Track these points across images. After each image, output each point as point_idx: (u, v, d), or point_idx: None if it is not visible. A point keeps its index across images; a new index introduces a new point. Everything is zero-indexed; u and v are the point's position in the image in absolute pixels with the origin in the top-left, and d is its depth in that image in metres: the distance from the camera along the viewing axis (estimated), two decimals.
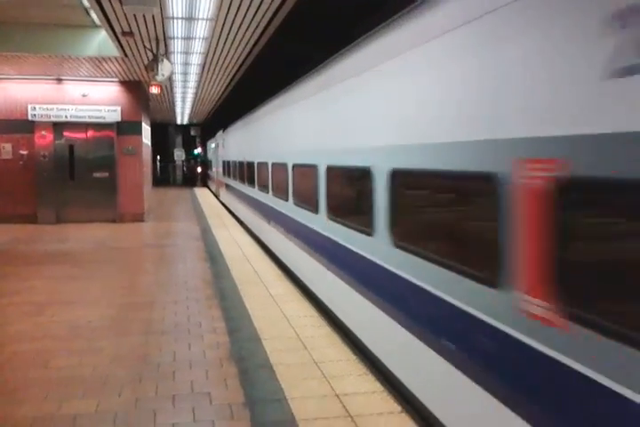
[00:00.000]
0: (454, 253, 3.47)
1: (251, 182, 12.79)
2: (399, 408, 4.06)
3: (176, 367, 4.90)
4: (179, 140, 38.65)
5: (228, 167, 18.99)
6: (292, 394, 4.32)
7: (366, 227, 4.90)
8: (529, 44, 2.63)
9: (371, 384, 4.50)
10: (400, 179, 4.22)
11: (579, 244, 2.41)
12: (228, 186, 19.19)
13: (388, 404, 4.14)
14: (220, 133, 22.27)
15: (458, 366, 3.31)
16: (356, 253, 5.27)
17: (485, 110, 3.02)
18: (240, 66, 13.40)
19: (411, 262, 3.98)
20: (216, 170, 25.08)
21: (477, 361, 3.09)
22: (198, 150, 41.30)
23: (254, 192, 12.21)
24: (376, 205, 4.63)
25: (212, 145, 27.49)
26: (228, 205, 19.81)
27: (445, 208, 3.71)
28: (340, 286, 5.82)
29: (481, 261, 3.13)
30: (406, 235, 4.17)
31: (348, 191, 5.93)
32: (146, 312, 6.61)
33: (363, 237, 5.05)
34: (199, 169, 39.62)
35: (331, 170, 6.13)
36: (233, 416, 3.97)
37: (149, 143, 20.48)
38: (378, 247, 4.68)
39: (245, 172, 13.80)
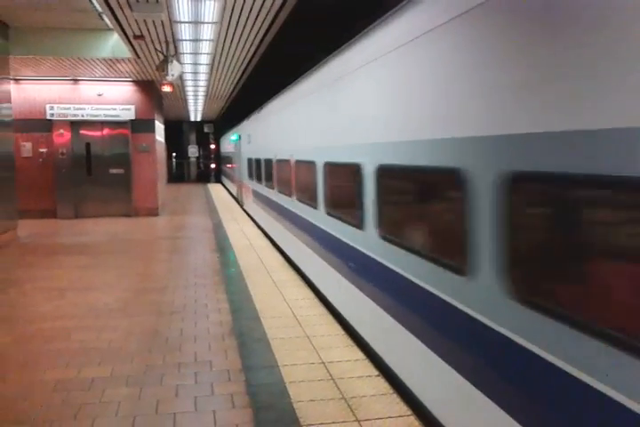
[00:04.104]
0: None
1: None
2: (376, 372, 4.60)
3: (182, 341, 5.47)
4: (193, 137, 39.34)
5: None
6: (283, 362, 4.87)
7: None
8: None
9: (354, 354, 5.04)
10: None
11: None
12: None
13: (368, 369, 4.68)
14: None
15: None
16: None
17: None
18: (247, 65, 13.95)
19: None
20: None
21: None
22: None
23: None
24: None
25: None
26: None
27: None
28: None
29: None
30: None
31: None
32: (157, 296, 7.21)
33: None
34: (213, 165, 40.32)
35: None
36: (230, 379, 4.54)
37: (163, 140, 21.13)
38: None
39: None
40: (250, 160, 15.24)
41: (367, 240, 5.06)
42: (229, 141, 25.08)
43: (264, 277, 8.18)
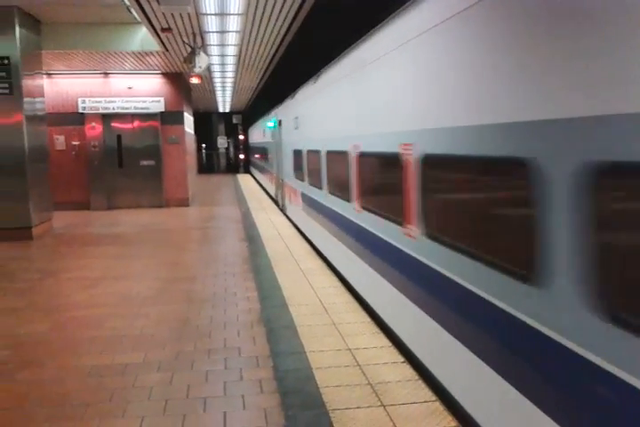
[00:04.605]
0: None
1: None
2: (402, 359, 4.66)
3: (212, 328, 5.59)
4: (221, 128, 39.59)
5: None
6: (310, 348, 4.95)
7: None
8: None
9: (380, 341, 5.10)
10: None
11: None
12: None
13: (393, 356, 4.74)
14: None
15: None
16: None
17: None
18: (274, 54, 14.00)
19: None
20: None
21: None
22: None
23: None
24: None
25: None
26: None
27: None
28: None
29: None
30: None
31: None
32: (188, 284, 7.35)
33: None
34: (242, 156, 40.61)
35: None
36: (258, 365, 4.64)
37: (192, 132, 21.34)
38: None
39: None
40: (298, 153, 10.91)
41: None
42: (262, 129, 21.43)
43: (292, 266, 8.27)
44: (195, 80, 13.96)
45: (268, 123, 17.66)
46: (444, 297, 4.00)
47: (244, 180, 30.14)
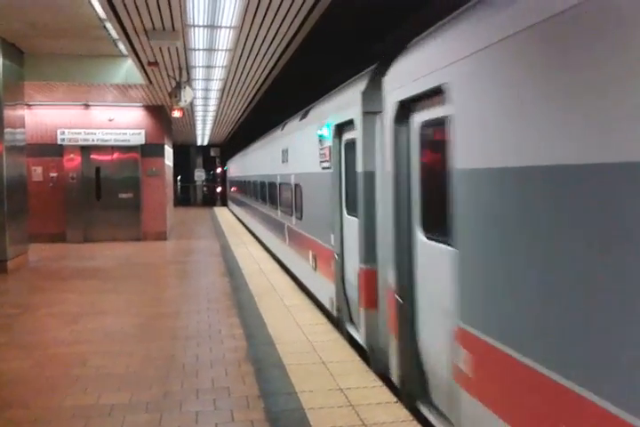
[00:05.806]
0: None
1: None
2: (395, 399, 4.59)
3: (199, 367, 5.47)
4: (199, 160, 39.61)
5: None
6: (301, 388, 4.86)
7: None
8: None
9: (372, 380, 5.03)
10: None
11: None
12: None
13: (386, 395, 4.67)
14: None
15: None
16: None
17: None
18: (257, 90, 14.14)
19: None
20: None
21: None
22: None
23: None
24: None
25: None
26: None
27: None
28: None
29: None
30: None
31: None
32: (171, 321, 7.21)
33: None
34: (219, 189, 40.57)
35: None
36: (249, 406, 4.53)
37: (171, 164, 21.30)
38: None
39: None
40: None
41: None
42: (279, 150, 11.53)
43: (275, 302, 8.18)
44: (177, 113, 13.96)
45: (318, 130, 7.72)
46: None
47: (222, 213, 30.03)
